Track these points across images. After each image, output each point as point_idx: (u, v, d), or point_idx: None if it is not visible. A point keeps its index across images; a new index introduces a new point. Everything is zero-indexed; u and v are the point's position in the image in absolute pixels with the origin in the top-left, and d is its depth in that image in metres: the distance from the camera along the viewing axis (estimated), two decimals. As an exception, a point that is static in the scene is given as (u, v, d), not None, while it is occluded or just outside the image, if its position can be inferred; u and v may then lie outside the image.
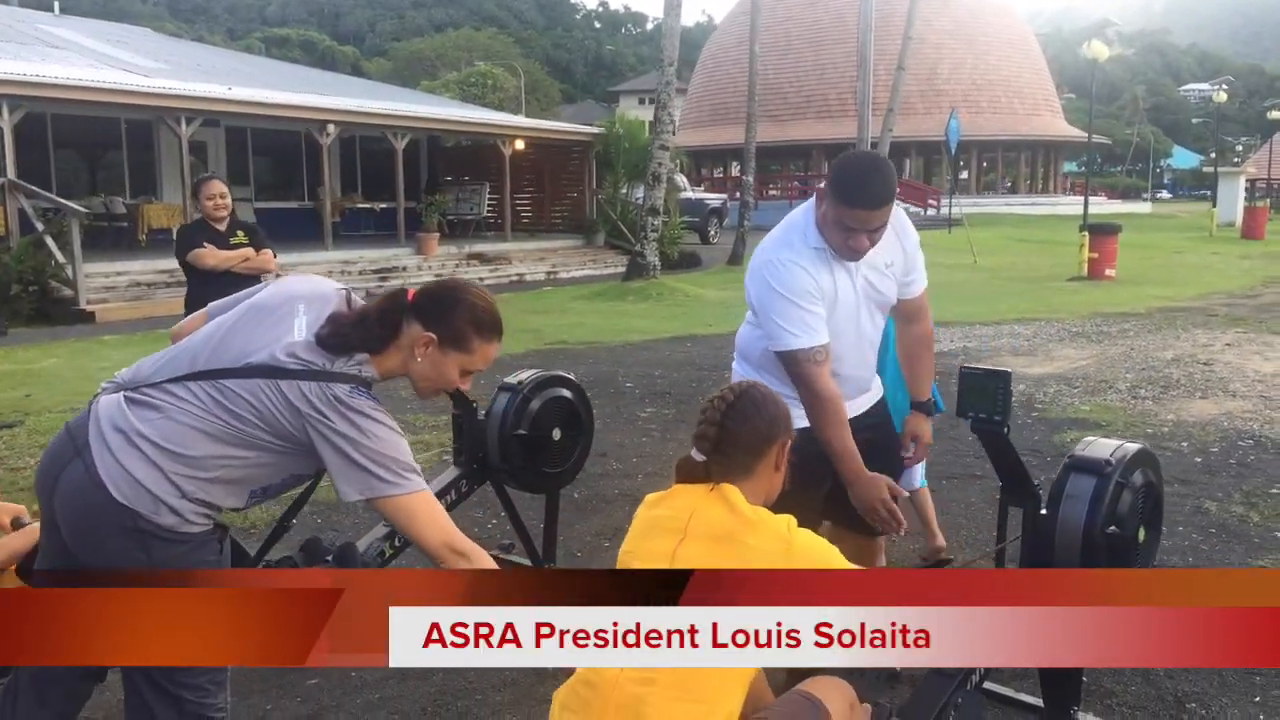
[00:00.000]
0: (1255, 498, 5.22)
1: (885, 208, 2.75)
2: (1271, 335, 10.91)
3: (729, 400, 2.15)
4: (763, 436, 2.14)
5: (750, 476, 2.13)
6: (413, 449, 6.49)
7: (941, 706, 2.44)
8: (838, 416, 2.79)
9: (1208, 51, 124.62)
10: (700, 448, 2.13)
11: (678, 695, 1.88)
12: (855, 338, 3.01)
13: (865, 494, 2.78)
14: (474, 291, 2.23)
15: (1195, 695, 3.20)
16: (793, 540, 2.02)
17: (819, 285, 2.85)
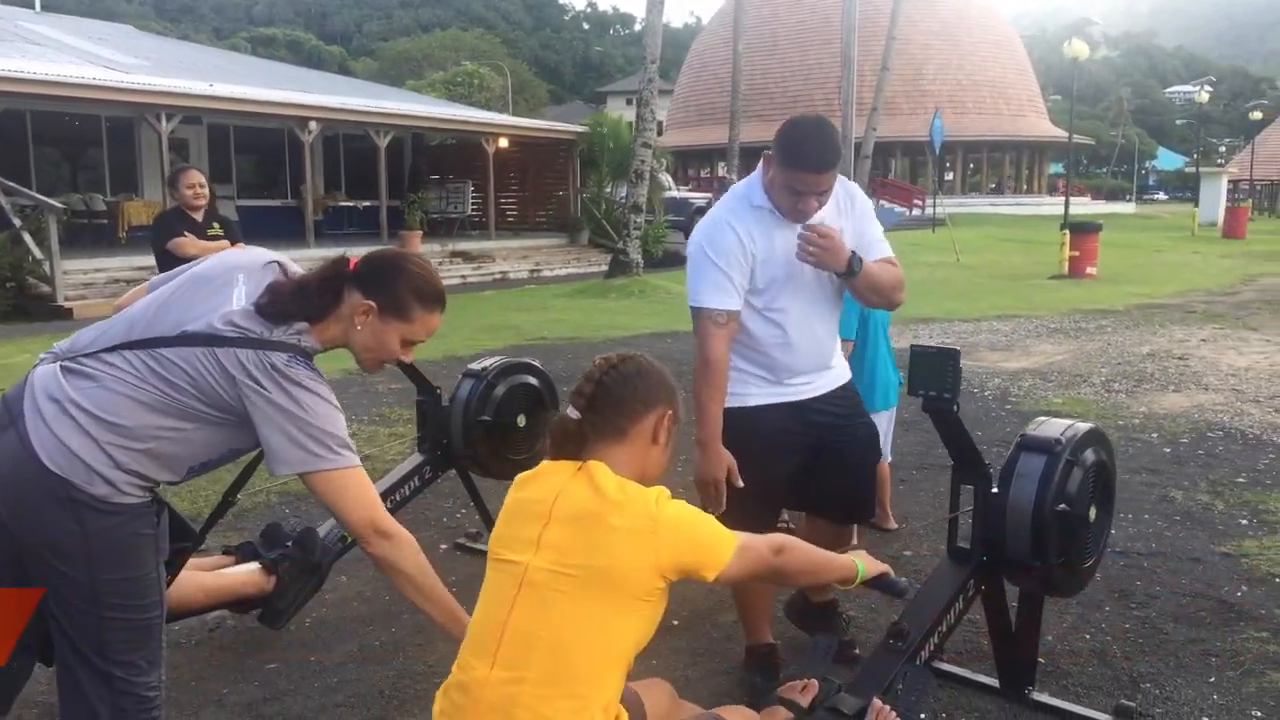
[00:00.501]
0: (1221, 487, 5.26)
1: (830, 171, 2.76)
2: (1247, 331, 10.99)
3: (612, 361, 2.06)
4: (640, 400, 2.03)
5: (623, 441, 2.00)
6: (388, 441, 6.48)
7: (889, 681, 2.45)
8: (717, 381, 2.85)
9: (1193, 54, 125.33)
10: (575, 404, 2.03)
11: (547, 691, 1.83)
12: (804, 303, 2.95)
13: (703, 466, 2.87)
14: (415, 261, 2.22)
15: (1150, 675, 3.22)
16: (660, 516, 1.89)
17: (753, 245, 2.87)
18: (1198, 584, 3.96)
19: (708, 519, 1.99)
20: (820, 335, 3.03)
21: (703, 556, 1.94)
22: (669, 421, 2.07)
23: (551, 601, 1.86)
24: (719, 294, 2.85)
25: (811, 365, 3.03)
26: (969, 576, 2.76)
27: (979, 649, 3.37)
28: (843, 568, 2.22)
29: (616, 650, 1.88)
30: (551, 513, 1.93)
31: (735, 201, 2.97)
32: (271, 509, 4.98)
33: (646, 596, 1.89)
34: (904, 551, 4.42)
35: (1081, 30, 54.23)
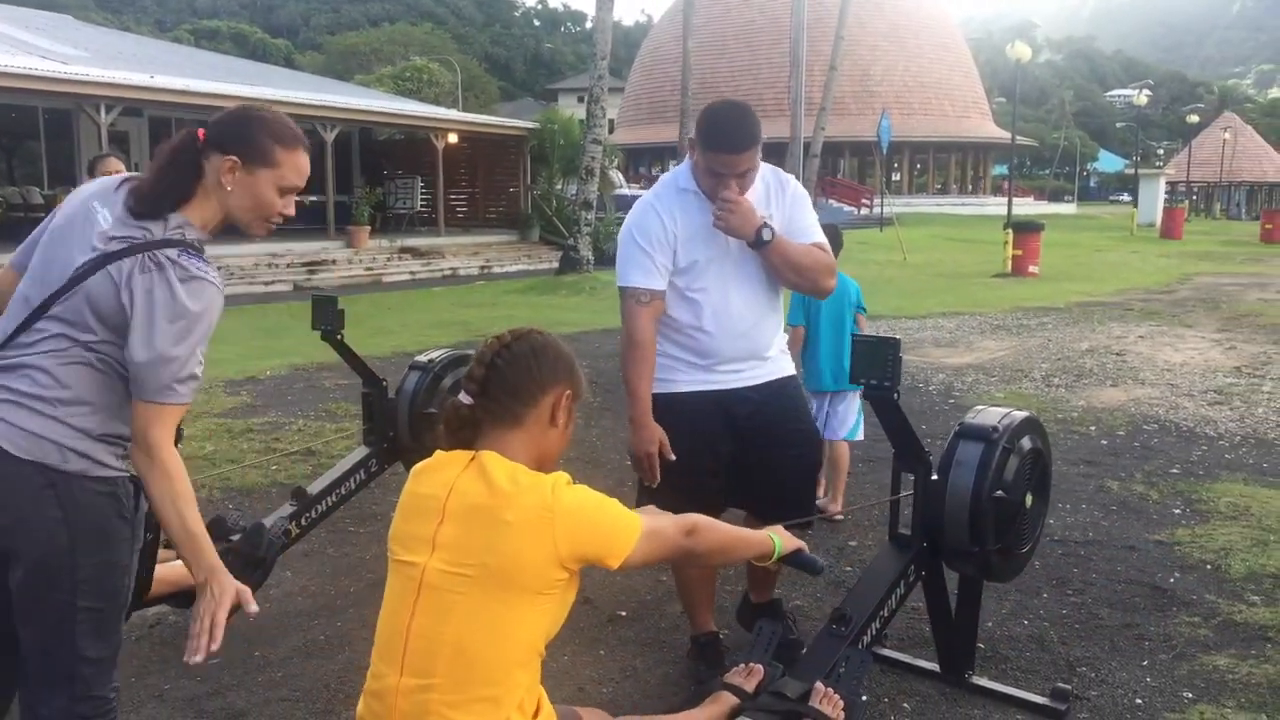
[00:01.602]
0: (1155, 477, 5.39)
1: (748, 152, 2.82)
2: (1183, 328, 11.27)
3: (504, 341, 1.95)
4: (535, 382, 1.92)
5: (519, 426, 1.91)
6: (333, 437, 6.38)
7: (832, 665, 2.49)
8: (643, 359, 2.92)
9: (1132, 58, 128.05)
10: (467, 389, 1.94)
11: (456, 697, 1.78)
12: (726, 285, 2.97)
13: (635, 441, 2.94)
14: (262, 107, 2.16)
15: (1086, 660, 3.30)
16: (557, 505, 1.81)
17: (674, 225, 2.94)
18: (1132, 571, 4.07)
19: (610, 504, 1.90)
20: (746, 321, 3.01)
21: (604, 544, 1.86)
22: (567, 401, 1.97)
23: (451, 604, 1.80)
24: (640, 273, 2.93)
25: (738, 352, 3.02)
26: (910, 562, 2.81)
27: (920, 635, 3.42)
28: (758, 544, 2.17)
29: (523, 646, 1.83)
30: (445, 509, 1.85)
31: (663, 187, 3.06)
32: (214, 504, 4.91)
33: (548, 589, 1.82)
34: (849, 542, 4.48)
35: (1025, 33, 55.19)
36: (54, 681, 2.01)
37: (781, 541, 2.20)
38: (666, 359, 3.02)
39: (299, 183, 2.13)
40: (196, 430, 6.36)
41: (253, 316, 12.84)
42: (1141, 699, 3.04)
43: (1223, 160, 50.79)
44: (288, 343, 10.36)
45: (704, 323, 2.98)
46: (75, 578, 1.97)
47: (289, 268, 17.35)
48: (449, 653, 1.78)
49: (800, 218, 3.03)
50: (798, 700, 2.38)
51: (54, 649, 2.00)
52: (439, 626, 1.80)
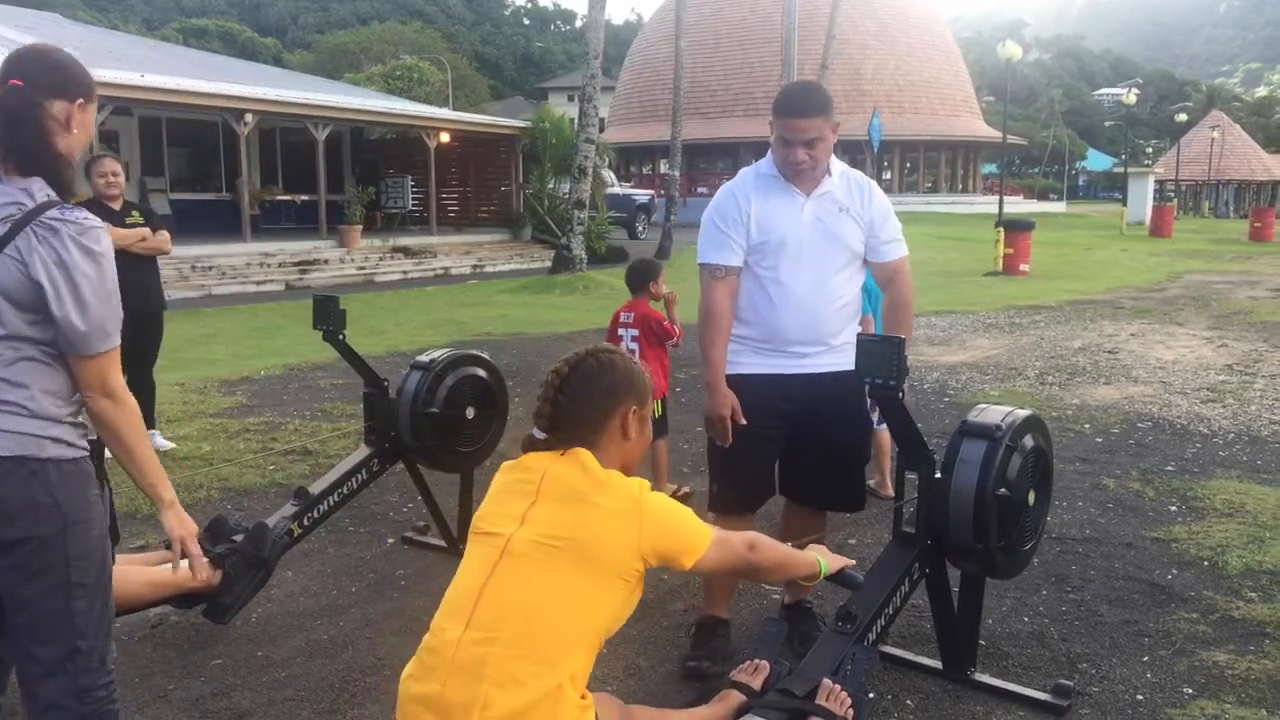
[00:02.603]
0: (1151, 475, 5.42)
1: (814, 118, 2.98)
2: (1174, 326, 11.33)
3: (563, 374, 2.08)
4: (600, 410, 2.07)
5: (597, 451, 2.05)
6: (331, 437, 6.39)
7: (839, 662, 2.50)
8: (717, 329, 3.10)
9: (1120, 57, 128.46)
10: (539, 425, 2.09)
11: (517, 654, 1.86)
12: (797, 267, 3.09)
13: (709, 405, 3.11)
14: (50, 46, 2.19)
15: (1087, 656, 3.32)
16: (643, 501, 1.98)
17: (749, 205, 3.11)
18: (1130, 568, 4.09)
19: (687, 511, 2.07)
20: (813, 303, 3.11)
21: (682, 544, 2.02)
22: (634, 417, 2.10)
23: (531, 571, 1.91)
24: (715, 250, 3.13)
25: (805, 335, 3.12)
26: (914, 560, 2.82)
27: (921, 632, 3.45)
28: (808, 564, 2.35)
29: (590, 625, 1.93)
30: (539, 490, 1.99)
31: (744, 173, 3.24)
32: (212, 505, 4.90)
33: (625, 576, 1.95)
34: (849, 540, 4.50)
35: (1015, 32, 55.35)
36: (55, 665, 2.06)
37: (827, 562, 2.40)
38: (736, 340, 3.17)
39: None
40: (192, 430, 6.34)
41: (245, 316, 12.81)
42: (1142, 695, 3.06)
43: (1211, 159, 51.02)
44: (281, 342, 10.35)
45: (771, 300, 3.12)
46: (68, 556, 2.03)
47: (280, 267, 17.30)
48: (519, 615, 1.88)
49: (885, 229, 3.19)
50: (805, 698, 2.39)
51: (53, 630, 2.05)
52: (515, 591, 1.90)
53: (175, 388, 7.57)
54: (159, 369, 6.14)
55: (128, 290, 6.00)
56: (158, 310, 5.93)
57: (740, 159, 42.63)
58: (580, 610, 1.91)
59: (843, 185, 3.15)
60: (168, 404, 6.84)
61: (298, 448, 5.96)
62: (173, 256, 11.08)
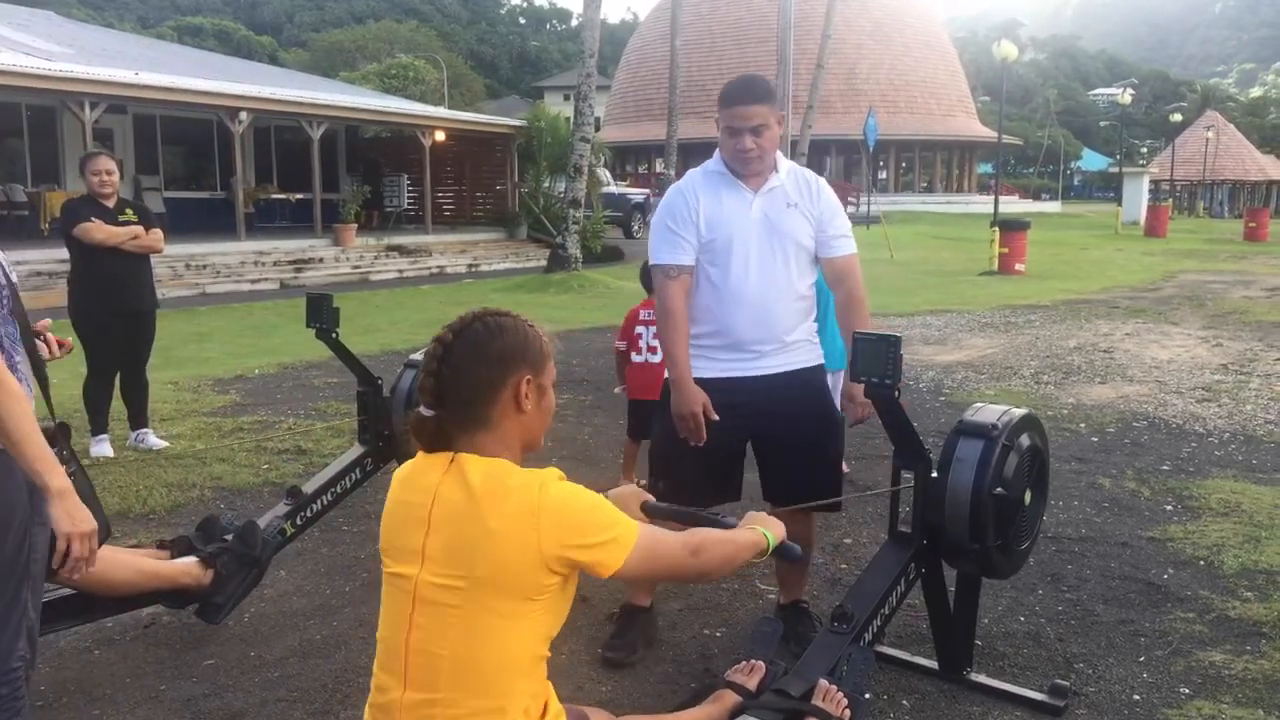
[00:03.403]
0: (1146, 474, 5.42)
1: (756, 105, 3.00)
2: (1169, 325, 11.34)
3: (445, 342, 1.81)
4: (487, 382, 1.79)
5: (489, 427, 1.80)
6: (325, 436, 6.35)
7: (835, 663, 2.49)
8: (676, 327, 3.09)
9: (1115, 57, 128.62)
10: (424, 402, 1.83)
11: (461, 709, 1.74)
12: (745, 264, 3.08)
13: (676, 403, 3.09)
14: None
15: (1083, 656, 3.31)
16: (543, 506, 1.71)
17: (698, 203, 3.11)
18: (1126, 567, 4.09)
19: (603, 508, 1.79)
20: (766, 302, 3.09)
21: (595, 548, 1.75)
22: (530, 386, 1.83)
23: (445, 617, 1.74)
24: (668, 249, 3.13)
25: (757, 333, 3.11)
26: (910, 559, 2.81)
27: (917, 632, 3.43)
28: (754, 544, 2.04)
29: (523, 655, 1.77)
30: (430, 518, 1.77)
31: (692, 172, 3.23)
32: (205, 504, 4.88)
33: (539, 595, 1.75)
34: (844, 539, 4.49)
35: (1010, 32, 55.39)
36: None
37: (772, 533, 2.08)
38: (693, 344, 3.15)
39: None
40: (186, 429, 6.32)
41: (239, 314, 12.77)
42: (1139, 695, 3.05)
43: (1206, 159, 51.10)
44: (275, 341, 10.32)
45: (721, 299, 3.11)
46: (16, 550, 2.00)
47: (275, 266, 17.25)
48: (449, 666, 1.74)
49: (834, 224, 3.16)
50: (800, 698, 2.38)
51: None
52: (437, 640, 1.75)
53: (169, 386, 7.54)
54: (152, 367, 6.12)
55: (118, 288, 5.98)
56: (150, 308, 5.90)
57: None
58: (508, 645, 1.75)
59: (791, 181, 3.14)
60: (161, 402, 6.81)
61: (291, 446, 5.93)
62: (167, 255, 11.04)
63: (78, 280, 5.62)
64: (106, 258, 5.52)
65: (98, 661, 3.30)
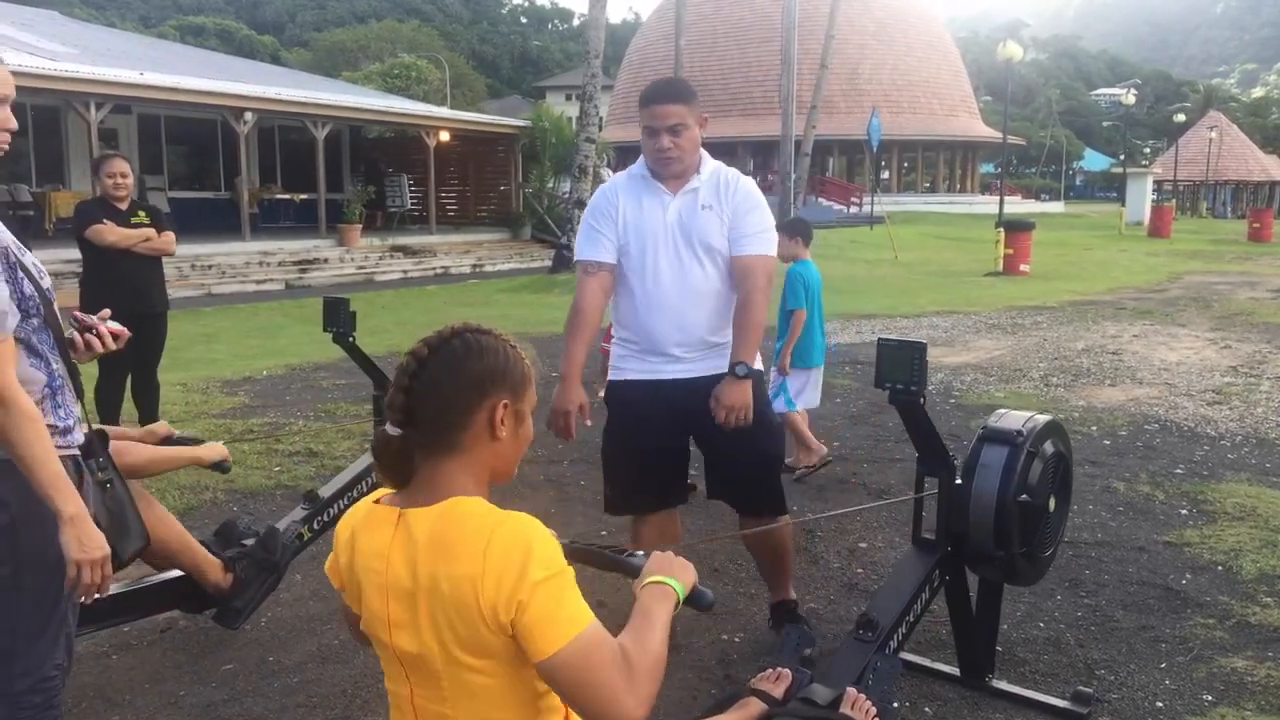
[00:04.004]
0: (1160, 478, 5.41)
1: (675, 104, 3.04)
2: (1176, 327, 11.32)
3: (421, 358, 1.63)
4: (463, 405, 1.62)
5: (456, 451, 1.62)
6: (335, 438, 6.32)
7: (861, 671, 2.48)
8: (579, 324, 3.12)
9: (1117, 57, 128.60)
10: (392, 420, 1.65)
11: None
12: (659, 269, 3.09)
13: (556, 399, 3.12)
14: None
15: (1105, 663, 3.30)
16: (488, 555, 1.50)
17: (620, 206, 3.16)
18: (1144, 573, 4.07)
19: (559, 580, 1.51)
20: (680, 306, 3.09)
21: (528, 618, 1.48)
22: (506, 413, 1.66)
23: (438, 683, 1.63)
24: (588, 245, 3.18)
25: (676, 337, 3.11)
26: (934, 566, 2.80)
27: (936, 638, 3.42)
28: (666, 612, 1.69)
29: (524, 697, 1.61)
30: (387, 584, 1.61)
31: (621, 174, 3.29)
32: (219, 506, 4.87)
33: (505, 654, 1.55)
34: (859, 544, 4.47)
35: (1015, 32, 55.39)
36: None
37: (678, 581, 1.75)
38: (618, 347, 3.23)
39: (5, 90, 2.09)
40: (196, 431, 6.30)
41: (245, 315, 12.77)
42: (1162, 702, 3.04)
43: (1209, 159, 51.06)
44: (282, 342, 10.31)
45: (637, 304, 3.15)
46: (17, 556, 1.97)
47: (280, 266, 17.26)
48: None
49: (744, 223, 3.09)
50: (828, 706, 2.37)
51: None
52: (439, 704, 1.64)
53: (178, 388, 7.54)
54: (161, 368, 6.11)
55: (130, 290, 5.96)
56: (161, 311, 5.90)
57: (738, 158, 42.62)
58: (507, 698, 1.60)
59: (710, 182, 3.12)
60: (170, 404, 6.80)
61: (302, 449, 5.93)
62: (171, 255, 11.03)
63: (89, 282, 5.61)
64: (118, 260, 5.52)
65: (116, 666, 3.29)
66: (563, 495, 5.23)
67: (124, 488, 2.32)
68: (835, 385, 7.78)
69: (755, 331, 3.04)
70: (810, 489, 5.26)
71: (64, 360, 2.17)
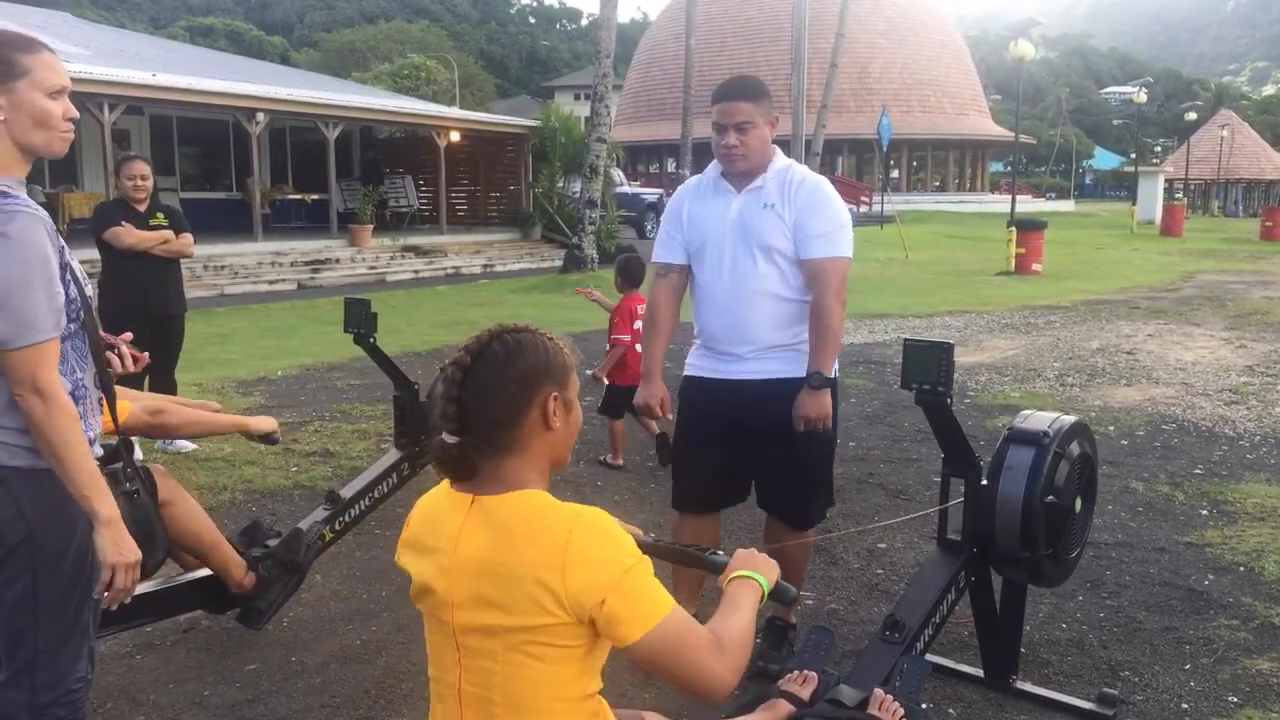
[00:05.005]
0: (1179, 478, 5.38)
1: (742, 102, 3.04)
2: (1191, 326, 11.27)
3: (465, 366, 1.68)
4: (515, 404, 1.66)
5: (518, 450, 1.67)
6: (351, 438, 6.34)
7: (888, 672, 2.47)
8: (653, 323, 3.29)
9: (1128, 55, 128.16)
10: (446, 430, 1.69)
11: None
12: (718, 270, 3.11)
13: (639, 392, 3.30)
14: None
15: (1129, 664, 3.29)
16: (569, 546, 1.57)
17: (688, 207, 3.21)
18: (1166, 573, 4.06)
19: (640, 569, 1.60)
20: (736, 306, 3.09)
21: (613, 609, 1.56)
22: (556, 403, 1.71)
23: (490, 665, 1.67)
24: (662, 248, 3.28)
25: (731, 336, 3.12)
26: (960, 568, 2.79)
27: (959, 639, 3.41)
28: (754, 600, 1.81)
29: (573, 692, 1.67)
30: (456, 564, 1.66)
31: (695, 176, 3.32)
32: (238, 506, 4.88)
33: (573, 641, 1.62)
34: (879, 544, 4.47)
35: (1025, 31, 55.23)
36: (15, 676, 1.99)
37: (764, 576, 1.85)
38: (695, 344, 3.29)
39: (60, 80, 2.04)
40: (213, 432, 6.33)
41: (258, 316, 12.80)
42: (1187, 703, 3.03)
43: (1220, 158, 50.84)
44: (295, 342, 10.34)
45: (701, 301, 3.21)
46: (35, 567, 1.95)
47: (292, 266, 17.29)
48: (502, 711, 1.67)
49: (808, 224, 3.05)
50: (856, 708, 2.36)
51: (19, 639, 1.98)
52: (487, 688, 1.68)
53: (193, 388, 7.55)
54: (177, 369, 6.13)
55: (147, 292, 5.98)
56: (179, 313, 5.92)
57: (748, 158, 42.65)
58: (556, 688, 1.65)
59: (775, 181, 3.09)
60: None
61: (319, 449, 5.94)
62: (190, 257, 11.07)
63: (108, 283, 5.64)
64: (136, 262, 5.54)
65: (140, 666, 3.30)
66: (580, 495, 5.23)
67: (149, 498, 2.32)
68: (850, 386, 7.77)
69: (830, 338, 3.01)
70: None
71: (99, 369, 2.16)
